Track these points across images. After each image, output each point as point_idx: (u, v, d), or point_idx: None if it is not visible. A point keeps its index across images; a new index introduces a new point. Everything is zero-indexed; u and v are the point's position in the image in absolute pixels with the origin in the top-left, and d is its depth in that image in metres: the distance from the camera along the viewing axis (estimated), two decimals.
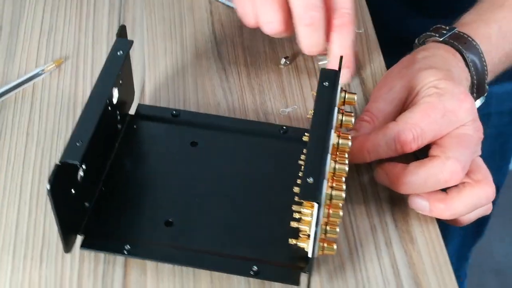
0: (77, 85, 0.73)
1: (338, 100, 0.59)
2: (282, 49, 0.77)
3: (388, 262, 0.61)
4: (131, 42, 0.63)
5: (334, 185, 0.54)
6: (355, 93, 0.60)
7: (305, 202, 0.56)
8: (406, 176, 0.61)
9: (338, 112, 0.58)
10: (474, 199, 0.62)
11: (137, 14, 0.80)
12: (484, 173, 0.64)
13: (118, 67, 0.61)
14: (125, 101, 0.67)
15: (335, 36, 0.67)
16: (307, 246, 0.57)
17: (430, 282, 0.60)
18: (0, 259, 0.60)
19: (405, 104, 0.66)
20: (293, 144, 0.66)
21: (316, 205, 0.53)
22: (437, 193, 0.62)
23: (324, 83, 0.59)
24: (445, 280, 0.60)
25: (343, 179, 0.56)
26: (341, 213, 0.55)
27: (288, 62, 0.75)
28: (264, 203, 0.63)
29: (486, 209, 0.65)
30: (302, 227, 0.57)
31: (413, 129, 0.62)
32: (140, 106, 0.69)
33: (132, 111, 0.69)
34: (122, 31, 0.63)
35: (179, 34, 0.78)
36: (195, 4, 0.82)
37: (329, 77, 0.60)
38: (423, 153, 0.63)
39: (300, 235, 0.58)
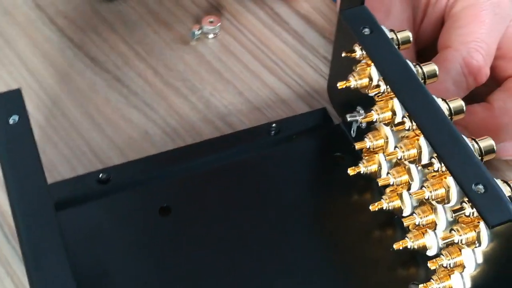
0: None
1: None
2: (179, 16, 0.51)
3: None
4: (18, 93, 0.33)
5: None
6: (405, 30, 0.38)
7: (458, 223, 0.34)
8: (501, 117, 0.41)
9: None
10: None
11: None
12: None
13: (30, 144, 0.32)
14: None
15: None
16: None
17: None
18: None
19: (415, 24, 0.45)
20: (302, 143, 0.43)
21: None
22: None
23: (363, 31, 0.36)
24: None
25: None
26: None
27: (200, 31, 0.50)
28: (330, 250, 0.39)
29: None
30: (451, 260, 0.35)
31: (478, 46, 0.41)
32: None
33: None
34: None
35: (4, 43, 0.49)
36: None
37: (360, 19, 0.37)
38: None
39: (440, 273, 0.36)
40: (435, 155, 0.33)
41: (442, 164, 0.33)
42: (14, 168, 0.31)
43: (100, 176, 0.41)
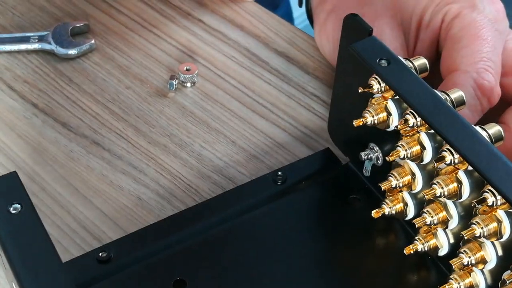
0: None
1: None
2: (150, 68, 0.47)
3: None
4: (14, 177, 0.29)
5: None
6: (420, 57, 0.35)
7: None
8: None
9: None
10: None
11: None
12: None
13: (41, 236, 0.27)
14: None
15: None
16: None
17: None
18: None
19: (408, 50, 0.43)
20: (312, 188, 0.40)
21: None
22: None
23: (380, 63, 0.34)
24: None
25: None
26: None
27: (176, 81, 0.46)
28: None
29: None
30: None
31: (486, 66, 0.39)
32: None
33: None
34: None
35: None
36: None
37: (374, 51, 0.34)
38: None
39: None
40: (487, 189, 0.30)
41: (498, 198, 0.30)
42: (27, 264, 0.26)
43: (100, 255, 0.36)
